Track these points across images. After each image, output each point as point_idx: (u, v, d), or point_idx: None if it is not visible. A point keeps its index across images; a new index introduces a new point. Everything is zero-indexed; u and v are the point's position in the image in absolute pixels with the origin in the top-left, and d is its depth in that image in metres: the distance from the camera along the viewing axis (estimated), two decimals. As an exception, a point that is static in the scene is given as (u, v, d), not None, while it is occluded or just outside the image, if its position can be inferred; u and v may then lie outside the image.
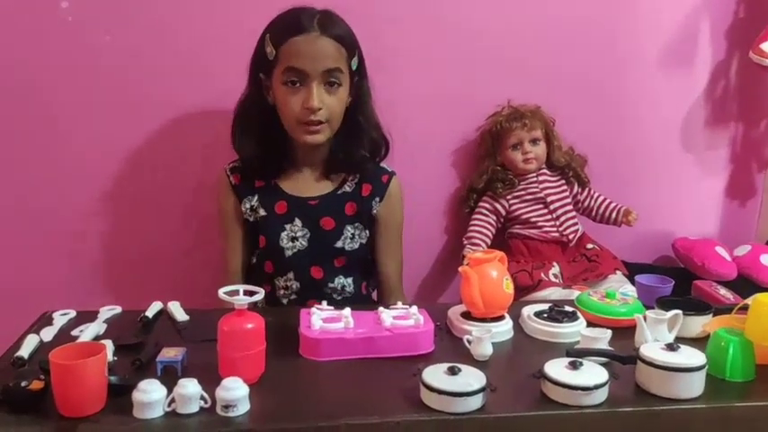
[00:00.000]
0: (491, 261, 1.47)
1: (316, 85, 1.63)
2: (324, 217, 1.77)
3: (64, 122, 1.97)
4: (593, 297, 1.56)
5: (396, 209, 1.86)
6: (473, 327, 1.41)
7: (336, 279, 1.80)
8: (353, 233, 1.79)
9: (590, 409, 1.16)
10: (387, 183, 1.83)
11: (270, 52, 1.64)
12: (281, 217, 1.77)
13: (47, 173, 1.99)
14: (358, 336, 1.35)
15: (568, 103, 2.16)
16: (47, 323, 1.48)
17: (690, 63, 2.23)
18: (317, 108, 1.63)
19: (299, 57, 1.62)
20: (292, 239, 1.76)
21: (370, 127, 1.79)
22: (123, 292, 2.03)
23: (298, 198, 1.78)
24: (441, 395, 1.14)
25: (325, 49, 1.62)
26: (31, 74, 1.93)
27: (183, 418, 1.12)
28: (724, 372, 1.26)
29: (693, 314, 1.42)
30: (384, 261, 1.88)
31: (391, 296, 1.87)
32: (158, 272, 2.08)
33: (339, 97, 1.68)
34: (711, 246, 2.16)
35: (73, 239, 2.04)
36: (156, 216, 2.07)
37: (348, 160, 1.78)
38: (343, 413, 1.14)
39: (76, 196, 2.02)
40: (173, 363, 1.25)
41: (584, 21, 2.14)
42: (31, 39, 1.91)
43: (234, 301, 1.22)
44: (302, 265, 1.77)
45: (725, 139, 2.31)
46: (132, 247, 2.07)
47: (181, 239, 2.08)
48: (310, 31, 1.61)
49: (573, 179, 2.13)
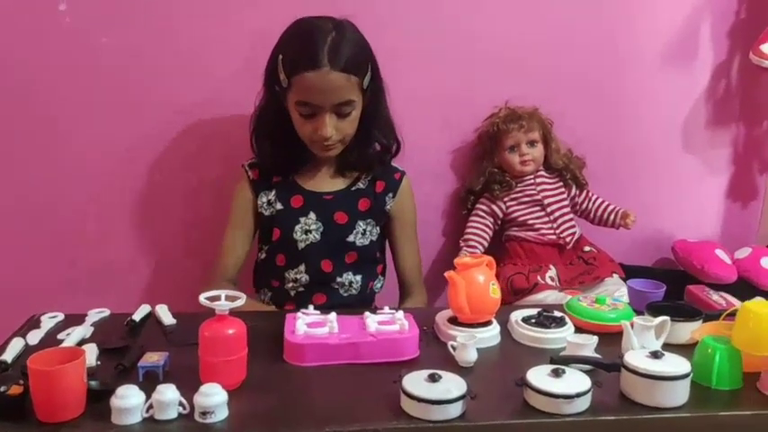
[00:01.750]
0: (478, 266, 1.46)
1: (328, 115, 1.66)
2: (338, 211, 1.81)
3: (63, 122, 1.98)
4: (583, 302, 1.55)
5: (409, 204, 1.93)
6: (458, 332, 1.40)
7: (345, 274, 1.82)
8: (365, 229, 1.82)
9: (572, 418, 1.15)
10: (399, 180, 1.89)
11: (283, 80, 1.65)
12: (296, 210, 1.81)
13: (45, 173, 2.00)
14: (342, 341, 1.34)
15: (567, 104, 2.14)
16: (34, 326, 1.48)
17: (690, 63, 2.21)
18: (329, 136, 1.68)
19: (310, 92, 1.63)
20: (306, 232, 1.79)
21: (384, 128, 1.83)
22: (119, 294, 2.03)
23: (313, 193, 1.83)
24: (420, 402, 1.13)
25: (337, 83, 1.62)
26: (30, 73, 1.93)
27: (161, 425, 1.11)
28: (710, 380, 1.25)
29: (682, 320, 1.41)
30: (402, 256, 1.93)
31: (411, 291, 1.94)
32: (156, 275, 2.10)
33: (352, 119, 1.71)
34: (711, 248, 2.14)
35: (69, 241, 2.05)
36: (154, 218, 2.07)
37: (361, 160, 1.83)
38: (323, 420, 1.13)
39: (74, 196, 2.02)
40: (154, 368, 1.25)
41: (584, 21, 2.12)
42: (31, 39, 1.91)
43: (215, 306, 1.22)
44: (313, 258, 1.80)
45: (726, 140, 2.28)
46: (129, 249, 2.08)
47: (179, 241, 2.09)
48: (321, 66, 1.60)
49: (571, 181, 2.11)
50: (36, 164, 1.99)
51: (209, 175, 2.04)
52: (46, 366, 1.10)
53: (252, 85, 1.77)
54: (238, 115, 1.90)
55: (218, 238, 1.87)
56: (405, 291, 1.96)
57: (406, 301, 1.93)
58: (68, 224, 2.03)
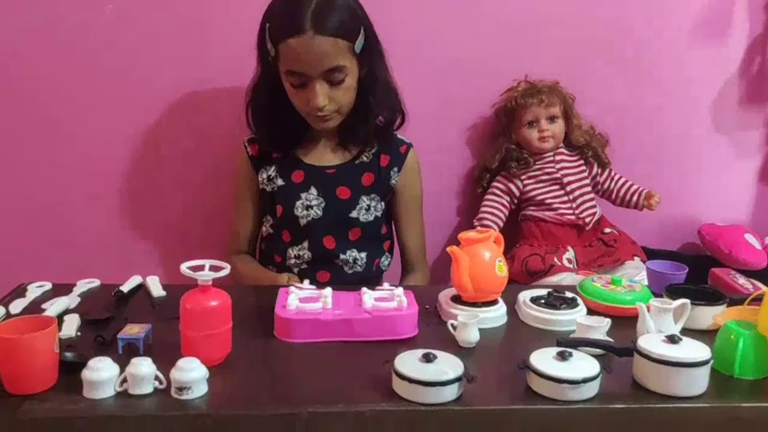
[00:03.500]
0: (484, 241, 1.36)
1: (318, 83, 1.59)
2: (340, 186, 1.75)
3: (63, 102, 1.94)
4: (597, 283, 1.45)
5: (414, 180, 1.85)
6: (460, 311, 1.32)
7: (348, 251, 1.76)
8: (369, 204, 1.76)
9: (577, 405, 1.06)
10: (405, 153, 1.82)
11: (270, 48, 1.60)
12: (297, 186, 1.75)
13: (47, 159, 1.98)
14: (335, 317, 1.26)
15: (591, 79, 2.05)
16: (19, 295, 1.43)
17: (723, 38, 2.08)
18: (322, 106, 1.61)
19: (297, 61, 1.57)
20: (307, 208, 1.74)
21: (385, 96, 1.73)
22: (116, 266, 1.97)
23: (315, 167, 1.77)
24: (412, 384, 1.05)
25: (322, 49, 1.55)
26: (27, 43, 1.89)
27: (135, 399, 1.05)
28: (732, 368, 1.15)
29: (703, 304, 1.30)
30: (405, 233, 1.87)
31: (413, 269, 1.89)
32: (158, 247, 2.05)
33: (345, 87, 1.63)
34: (740, 232, 2.03)
35: (65, 210, 2.01)
36: (156, 187, 2.04)
37: (362, 132, 1.75)
38: (308, 400, 1.06)
39: (80, 175, 2.00)
40: (134, 340, 1.18)
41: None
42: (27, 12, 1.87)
43: (197, 276, 1.15)
44: (316, 235, 1.75)
45: (759, 121, 2.15)
46: (124, 218, 2.04)
47: (186, 217, 2.05)
48: (305, 31, 1.52)
49: (592, 159, 2.01)
50: (35, 150, 1.97)
51: (207, 150, 2.00)
52: (12, 335, 1.04)
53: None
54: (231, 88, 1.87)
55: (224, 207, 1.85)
56: (406, 268, 1.90)
57: (407, 278, 1.86)
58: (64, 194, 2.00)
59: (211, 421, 1.03)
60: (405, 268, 1.91)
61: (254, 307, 1.39)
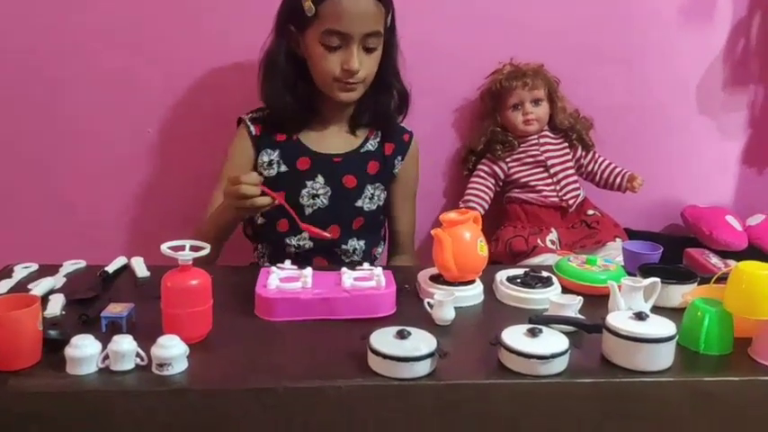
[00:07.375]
0: (465, 222, 1.39)
1: (356, 47, 1.59)
2: (347, 175, 1.74)
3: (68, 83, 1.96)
4: (573, 263, 1.48)
5: (414, 167, 1.87)
6: (436, 290, 1.35)
7: (350, 241, 1.76)
8: (373, 193, 1.77)
9: (546, 379, 1.09)
10: (408, 141, 1.83)
11: (308, 8, 1.57)
12: (302, 173, 1.72)
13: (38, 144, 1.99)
14: (315, 296, 1.29)
15: (576, 62, 2.06)
16: (5, 276, 1.45)
17: (707, 20, 2.09)
18: (357, 71, 1.60)
19: (341, 19, 1.56)
20: (313, 197, 1.72)
21: (397, 81, 1.76)
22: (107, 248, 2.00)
23: (322, 155, 1.74)
24: (386, 359, 1.08)
25: (369, 10, 1.57)
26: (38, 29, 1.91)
27: (117, 376, 1.08)
28: (698, 344, 1.18)
29: (674, 283, 1.33)
30: (398, 218, 1.88)
31: (401, 254, 1.90)
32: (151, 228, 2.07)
33: (375, 57, 1.65)
34: (722, 214, 2.05)
35: (63, 190, 2.04)
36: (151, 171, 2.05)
37: (376, 114, 1.76)
38: (283, 375, 1.09)
39: (80, 154, 2.01)
40: (117, 318, 1.21)
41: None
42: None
43: (178, 256, 1.17)
44: (320, 224, 1.67)
45: (743, 103, 2.17)
46: (119, 200, 2.06)
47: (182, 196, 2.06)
48: None
49: (576, 142, 2.03)
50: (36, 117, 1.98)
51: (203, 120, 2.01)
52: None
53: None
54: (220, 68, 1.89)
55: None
56: (395, 253, 1.92)
57: (394, 259, 1.88)
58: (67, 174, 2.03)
59: (191, 396, 1.06)
60: (393, 252, 1.92)
61: (235, 286, 1.41)
